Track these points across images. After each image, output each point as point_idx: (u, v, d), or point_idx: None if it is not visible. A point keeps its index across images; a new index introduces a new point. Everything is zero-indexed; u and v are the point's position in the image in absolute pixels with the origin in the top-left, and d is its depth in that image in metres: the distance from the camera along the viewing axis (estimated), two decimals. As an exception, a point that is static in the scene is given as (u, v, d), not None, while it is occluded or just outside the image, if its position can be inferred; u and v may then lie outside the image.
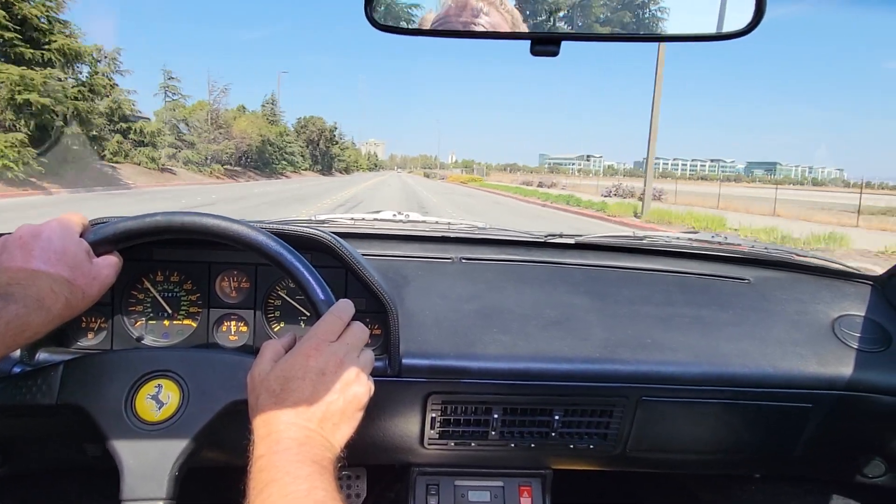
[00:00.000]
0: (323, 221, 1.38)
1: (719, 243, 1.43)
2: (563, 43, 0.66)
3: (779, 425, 1.13)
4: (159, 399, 0.77)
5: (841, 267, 1.34)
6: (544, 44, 0.63)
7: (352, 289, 1.09)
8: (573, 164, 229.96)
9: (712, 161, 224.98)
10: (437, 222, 1.46)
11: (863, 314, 1.20)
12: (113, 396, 0.77)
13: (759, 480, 1.40)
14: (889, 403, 1.09)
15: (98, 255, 0.81)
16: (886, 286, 1.25)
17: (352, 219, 1.42)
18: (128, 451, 0.74)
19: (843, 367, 1.09)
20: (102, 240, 0.81)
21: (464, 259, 1.25)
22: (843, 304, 1.22)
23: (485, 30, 0.65)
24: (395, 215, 1.47)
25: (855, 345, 1.13)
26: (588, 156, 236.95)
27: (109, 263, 0.82)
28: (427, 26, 0.69)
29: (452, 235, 1.33)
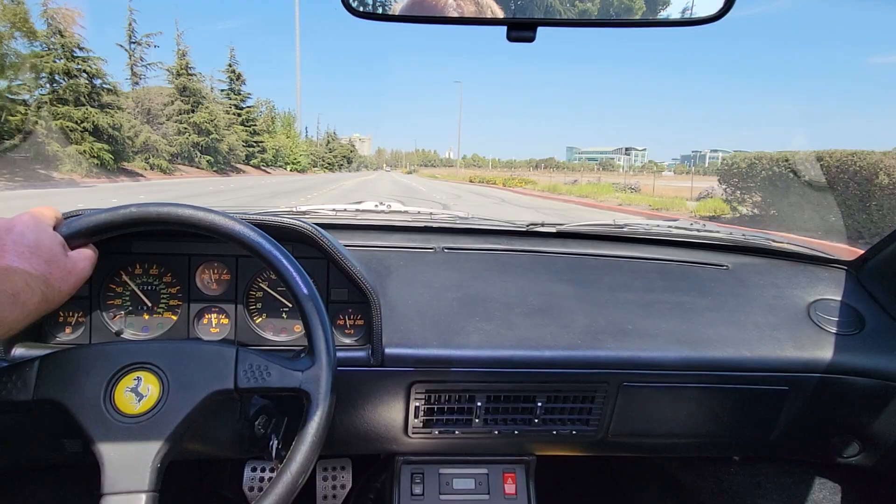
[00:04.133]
0: (304, 212, 1.37)
1: (698, 230, 1.44)
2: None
3: (757, 408, 1.15)
4: (139, 391, 0.76)
5: (816, 252, 1.37)
6: (520, 29, 0.63)
7: (334, 279, 1.09)
8: (610, 158, 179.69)
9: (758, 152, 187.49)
10: (419, 212, 1.46)
11: (838, 298, 1.22)
12: (91, 390, 0.76)
13: (738, 462, 1.43)
14: (863, 385, 1.12)
15: (73, 248, 0.80)
16: (860, 271, 1.28)
17: (333, 209, 1.42)
18: (108, 445, 0.73)
19: (819, 350, 1.12)
20: (77, 233, 0.80)
21: (446, 249, 1.25)
22: (819, 289, 1.24)
23: (459, 15, 0.65)
24: (377, 206, 1.47)
25: (830, 328, 1.16)
26: (627, 148, 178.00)
27: (85, 256, 0.81)
28: (402, 12, 0.69)
29: (435, 225, 1.33)
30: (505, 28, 0.63)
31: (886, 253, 1.21)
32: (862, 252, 1.28)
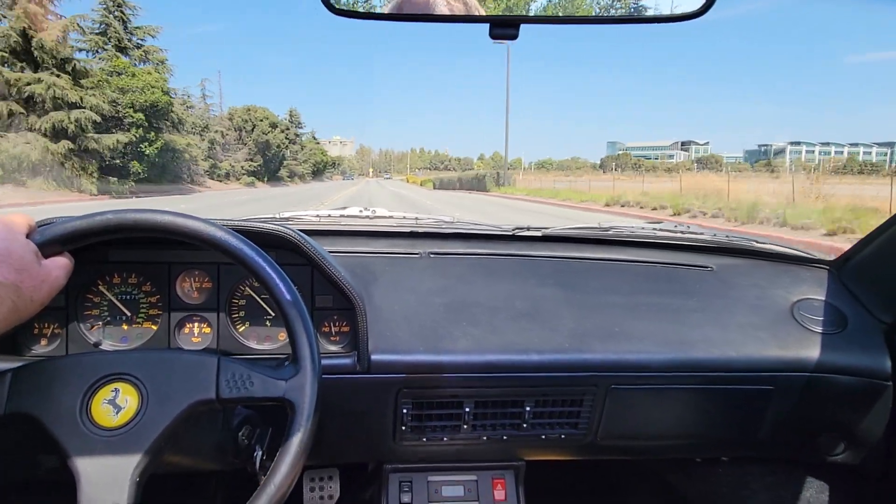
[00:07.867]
0: (288, 219, 1.36)
1: (682, 232, 1.45)
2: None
3: (743, 408, 1.15)
4: (116, 403, 0.74)
5: (798, 253, 1.38)
6: (503, 27, 0.63)
7: (318, 286, 1.08)
8: (668, 154, 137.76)
9: (852, 145, 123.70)
10: (404, 217, 1.45)
11: (820, 298, 1.23)
12: (66, 403, 0.73)
13: (726, 463, 1.43)
14: (846, 383, 1.13)
15: (46, 256, 0.78)
16: (841, 270, 1.29)
17: (317, 215, 1.40)
18: (85, 460, 0.71)
19: (802, 349, 1.13)
20: (50, 240, 0.78)
21: (432, 254, 1.25)
22: (802, 289, 1.26)
23: (442, 13, 0.65)
24: (361, 211, 1.46)
25: (813, 328, 1.17)
26: (685, 142, 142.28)
27: (59, 265, 0.79)
28: (381, 10, 0.68)
29: (420, 230, 1.32)
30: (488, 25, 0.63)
31: (867, 252, 1.23)
32: (844, 251, 1.30)
